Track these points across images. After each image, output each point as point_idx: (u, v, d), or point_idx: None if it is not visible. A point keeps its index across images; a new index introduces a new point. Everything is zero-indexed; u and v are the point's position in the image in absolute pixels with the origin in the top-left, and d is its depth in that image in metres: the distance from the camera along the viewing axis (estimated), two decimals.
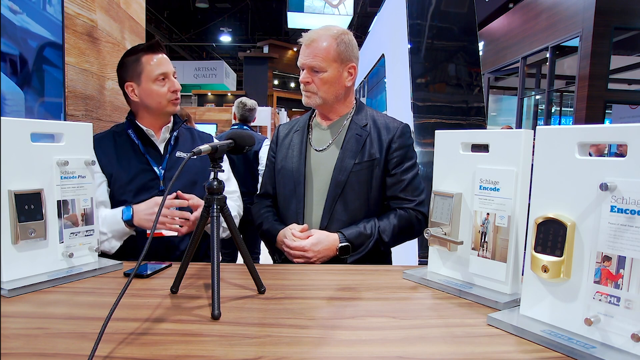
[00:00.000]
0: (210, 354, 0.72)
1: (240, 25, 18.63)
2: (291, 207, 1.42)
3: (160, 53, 1.47)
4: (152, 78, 1.43)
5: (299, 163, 1.42)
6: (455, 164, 1.08)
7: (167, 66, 1.46)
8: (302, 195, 1.40)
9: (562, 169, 0.81)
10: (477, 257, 1.01)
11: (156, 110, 1.47)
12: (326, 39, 1.35)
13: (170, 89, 1.46)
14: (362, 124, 1.42)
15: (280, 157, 1.49)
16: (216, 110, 9.12)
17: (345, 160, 1.37)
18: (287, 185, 1.44)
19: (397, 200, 1.40)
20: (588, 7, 8.15)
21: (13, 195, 0.98)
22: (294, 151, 1.46)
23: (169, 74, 1.46)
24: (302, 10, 9.16)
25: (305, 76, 1.38)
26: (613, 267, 0.71)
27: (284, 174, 1.46)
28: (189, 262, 1.00)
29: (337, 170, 1.37)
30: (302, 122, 1.52)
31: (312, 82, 1.37)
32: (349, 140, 1.40)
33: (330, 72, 1.36)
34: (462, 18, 2.94)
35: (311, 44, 1.36)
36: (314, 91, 1.38)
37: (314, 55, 1.35)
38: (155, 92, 1.44)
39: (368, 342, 0.77)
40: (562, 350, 0.74)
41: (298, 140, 1.47)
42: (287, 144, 1.50)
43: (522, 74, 10.75)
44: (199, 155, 0.92)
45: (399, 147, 1.40)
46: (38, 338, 0.76)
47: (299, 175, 1.41)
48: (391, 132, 1.40)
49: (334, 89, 1.39)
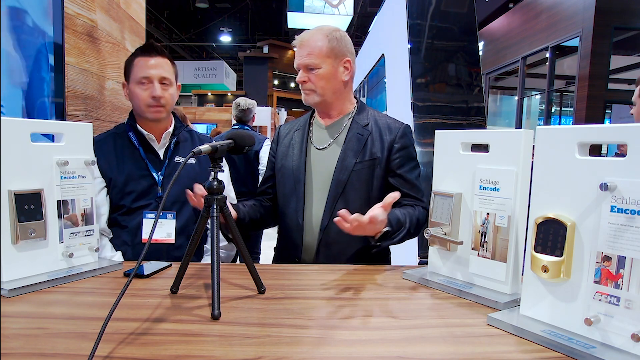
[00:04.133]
0: (210, 354, 0.72)
1: (240, 25, 18.62)
2: (291, 205, 1.41)
3: (153, 56, 1.43)
4: (136, 80, 1.42)
5: (300, 161, 1.42)
6: (455, 164, 1.08)
7: (155, 70, 1.42)
8: (302, 194, 1.40)
9: (562, 169, 0.81)
10: (477, 257, 1.01)
11: (139, 114, 1.46)
12: (317, 38, 1.38)
13: (150, 94, 1.41)
14: (363, 124, 1.42)
15: (281, 156, 1.49)
16: (216, 110, 9.13)
17: (346, 159, 1.37)
18: (287, 184, 1.44)
19: (409, 198, 1.38)
20: (588, 7, 8.15)
21: (13, 195, 0.98)
22: (295, 149, 1.45)
23: (152, 78, 1.41)
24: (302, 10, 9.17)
25: (302, 75, 1.39)
26: (613, 267, 0.71)
27: (284, 172, 1.45)
28: (189, 262, 1.00)
29: (339, 169, 1.37)
30: (302, 121, 1.52)
31: (309, 80, 1.39)
32: (350, 139, 1.40)
33: (325, 68, 1.37)
34: (462, 18, 2.94)
35: (303, 44, 1.38)
36: (312, 89, 1.39)
37: (307, 54, 1.37)
38: (136, 95, 1.43)
39: (368, 342, 0.77)
40: (562, 350, 0.74)
41: (299, 138, 1.47)
42: (287, 142, 1.50)
43: (522, 74, 10.75)
44: (199, 155, 0.92)
45: (401, 148, 1.40)
46: (38, 338, 0.76)
47: (299, 173, 1.41)
48: (393, 133, 1.41)
49: (331, 85, 1.40)
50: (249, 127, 3.63)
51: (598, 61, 8.06)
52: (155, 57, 1.44)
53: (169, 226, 1.45)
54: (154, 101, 1.42)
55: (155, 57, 1.43)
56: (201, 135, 1.65)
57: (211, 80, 15.92)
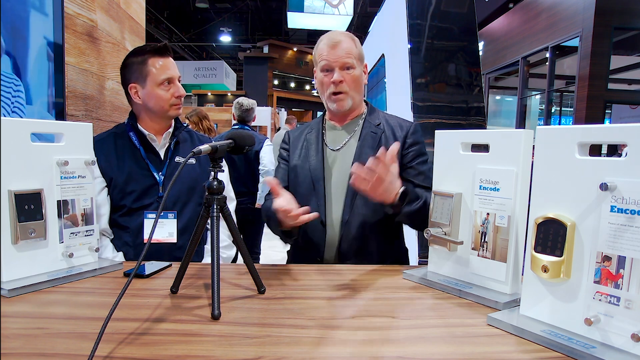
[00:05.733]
0: (210, 354, 0.72)
1: (240, 25, 18.62)
2: (311, 204, 1.38)
3: (167, 57, 1.47)
4: (158, 82, 1.43)
5: (317, 160, 1.43)
6: (455, 164, 1.08)
7: (174, 71, 1.46)
8: (323, 192, 1.40)
9: (562, 169, 0.81)
10: (477, 257, 1.01)
11: (158, 113, 1.47)
12: (349, 39, 1.40)
13: (174, 94, 1.45)
14: (375, 123, 1.46)
15: (295, 156, 1.49)
16: (216, 110, 9.12)
17: (363, 155, 1.39)
18: (304, 183, 1.44)
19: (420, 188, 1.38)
20: (588, 7, 8.15)
21: (13, 195, 0.98)
22: (310, 150, 1.46)
23: (174, 79, 1.46)
24: (302, 10, 9.17)
25: (339, 75, 1.37)
26: (613, 267, 0.71)
27: (299, 172, 1.45)
28: (189, 262, 1.00)
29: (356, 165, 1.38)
30: (314, 124, 1.54)
31: (344, 80, 1.38)
32: (365, 137, 1.43)
33: (358, 70, 1.40)
34: (462, 18, 2.94)
35: (338, 44, 1.38)
36: (346, 91, 1.40)
37: (346, 54, 1.37)
38: (159, 96, 1.44)
39: (368, 342, 0.77)
40: (562, 350, 0.74)
41: (314, 139, 1.48)
42: (300, 143, 1.51)
43: (522, 74, 10.75)
44: (199, 155, 0.92)
45: (413, 143, 1.44)
46: (38, 338, 0.76)
47: (317, 173, 1.41)
48: (404, 129, 1.45)
49: (360, 87, 1.43)
50: (249, 127, 3.64)
51: (598, 61, 8.07)
52: (170, 57, 1.48)
53: (171, 226, 1.45)
54: (178, 100, 1.47)
55: (169, 57, 1.48)
56: (200, 136, 1.66)
57: (211, 80, 15.91)
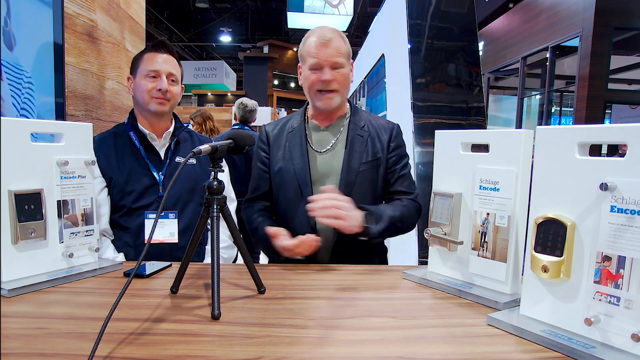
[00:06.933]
0: (210, 354, 0.72)
1: (240, 25, 18.62)
2: (299, 209, 1.37)
3: (163, 53, 1.47)
4: (144, 73, 1.44)
5: (303, 164, 1.39)
6: (455, 164, 1.08)
7: (163, 66, 1.46)
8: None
9: (562, 169, 0.81)
10: (477, 257, 1.01)
11: (142, 106, 1.47)
12: (339, 37, 1.39)
13: (156, 87, 1.44)
14: (360, 125, 1.45)
15: (277, 158, 1.44)
16: (216, 110, 9.11)
17: (352, 161, 1.39)
18: (290, 187, 1.40)
19: (399, 194, 1.44)
20: (588, 7, 8.14)
21: (13, 195, 0.98)
22: (294, 153, 1.42)
23: (161, 73, 1.45)
24: (302, 10, 9.18)
25: (329, 74, 1.36)
26: (613, 267, 0.71)
27: (284, 176, 1.42)
28: (189, 262, 1.00)
29: (346, 170, 1.38)
30: (295, 123, 1.48)
31: (335, 79, 1.38)
32: (352, 141, 1.42)
33: (347, 68, 1.40)
34: (462, 18, 2.94)
35: (329, 42, 1.36)
36: (337, 89, 1.39)
37: (337, 52, 1.37)
38: (142, 87, 1.44)
39: (368, 342, 0.77)
40: (562, 350, 0.74)
41: (297, 141, 1.43)
42: (281, 144, 1.46)
43: (522, 74, 10.75)
44: (199, 155, 0.92)
45: (396, 146, 1.47)
46: (38, 338, 0.76)
47: (304, 176, 1.38)
48: (388, 132, 1.47)
49: (348, 86, 1.44)
50: (249, 127, 3.64)
51: (598, 61, 8.06)
52: (166, 54, 1.48)
53: (171, 226, 1.45)
54: (159, 93, 1.45)
55: (165, 54, 1.48)
56: (201, 136, 1.66)
57: (211, 80, 15.91)
